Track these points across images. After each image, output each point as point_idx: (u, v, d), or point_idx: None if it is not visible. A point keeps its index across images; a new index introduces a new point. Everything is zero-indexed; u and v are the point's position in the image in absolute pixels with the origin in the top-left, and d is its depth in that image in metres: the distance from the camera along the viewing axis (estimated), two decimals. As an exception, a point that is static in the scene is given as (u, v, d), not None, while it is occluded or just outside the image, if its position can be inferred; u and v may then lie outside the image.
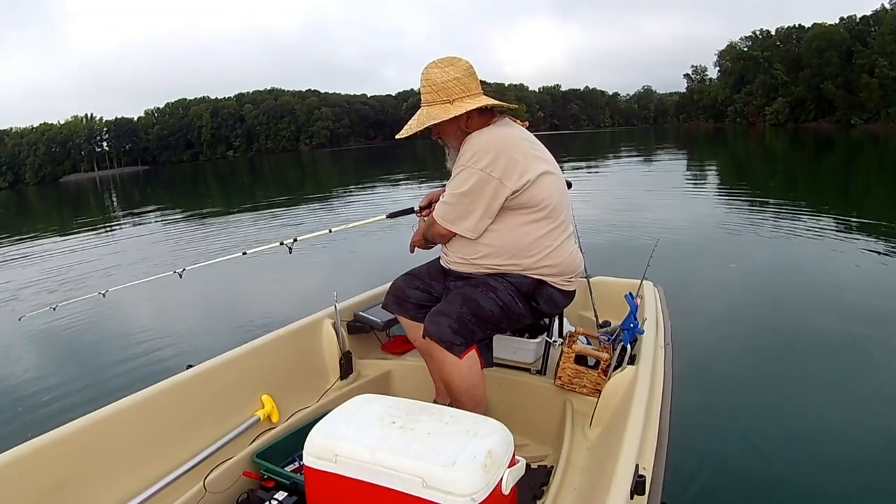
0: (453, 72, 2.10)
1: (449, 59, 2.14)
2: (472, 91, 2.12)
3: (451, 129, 2.17)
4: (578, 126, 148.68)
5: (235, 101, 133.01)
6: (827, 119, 65.00)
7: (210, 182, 41.62)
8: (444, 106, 2.11)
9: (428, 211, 2.48)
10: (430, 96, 2.13)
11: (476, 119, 2.15)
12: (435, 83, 2.10)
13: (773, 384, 3.65)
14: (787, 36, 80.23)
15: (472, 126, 2.14)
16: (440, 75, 2.10)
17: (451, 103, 2.10)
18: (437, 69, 2.11)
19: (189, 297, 6.86)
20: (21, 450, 1.67)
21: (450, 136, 2.21)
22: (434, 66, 2.12)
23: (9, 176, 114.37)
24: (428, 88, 2.12)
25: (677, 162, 25.31)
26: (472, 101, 2.11)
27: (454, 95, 2.10)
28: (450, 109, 2.10)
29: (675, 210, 10.93)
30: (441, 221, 2.18)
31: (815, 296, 5.40)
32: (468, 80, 2.12)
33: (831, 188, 14.35)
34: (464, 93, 2.10)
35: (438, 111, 2.11)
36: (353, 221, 3.14)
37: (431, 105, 2.13)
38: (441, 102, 2.11)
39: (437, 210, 2.22)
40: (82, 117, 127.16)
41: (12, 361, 5.32)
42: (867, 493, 2.64)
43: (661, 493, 1.56)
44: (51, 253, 12.14)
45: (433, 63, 2.13)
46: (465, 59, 2.14)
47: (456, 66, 2.11)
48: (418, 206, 2.55)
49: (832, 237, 7.74)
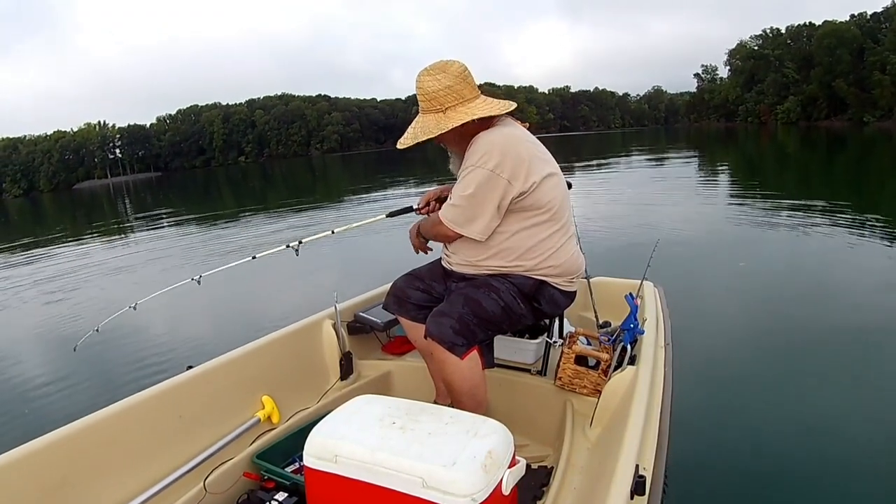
0: (445, 80, 2.05)
1: (440, 65, 2.08)
2: (466, 97, 2.08)
3: (450, 135, 2.11)
4: (588, 127, 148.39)
5: (246, 107, 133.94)
6: (839, 117, 64.54)
7: (222, 187, 41.85)
8: (436, 116, 2.08)
9: (426, 209, 2.48)
10: (424, 105, 2.10)
11: (474, 121, 2.08)
12: (427, 92, 2.07)
13: (774, 384, 3.63)
14: (797, 34, 79.83)
15: (470, 130, 2.09)
16: (431, 84, 2.06)
17: (443, 112, 2.07)
18: (429, 77, 2.06)
19: (189, 299, 6.85)
20: (21, 450, 1.68)
21: (448, 142, 2.18)
22: (426, 74, 2.07)
23: (23, 183, 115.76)
24: (422, 97, 2.09)
25: (687, 162, 25.11)
26: (463, 108, 2.06)
27: (446, 104, 2.06)
28: (441, 120, 2.07)
29: (678, 210, 10.88)
30: (450, 224, 2.13)
31: (817, 296, 5.35)
32: (460, 86, 2.06)
33: (844, 187, 14.18)
34: (456, 100, 2.06)
35: (431, 123, 2.08)
36: (355, 222, 3.14)
37: (426, 113, 2.10)
38: (434, 111, 2.08)
39: (444, 212, 2.17)
40: (95, 124, 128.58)
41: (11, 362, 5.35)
42: (867, 494, 2.62)
43: (661, 493, 1.56)
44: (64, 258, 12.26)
45: (425, 70, 2.09)
46: (459, 63, 2.09)
47: (447, 73, 2.06)
48: (416, 205, 2.54)
49: (841, 236, 7.65)
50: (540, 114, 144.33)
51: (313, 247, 2.94)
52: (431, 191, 2.52)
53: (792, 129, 57.57)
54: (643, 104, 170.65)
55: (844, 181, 15.52)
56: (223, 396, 2.24)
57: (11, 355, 5.87)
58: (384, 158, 61.69)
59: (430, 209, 2.47)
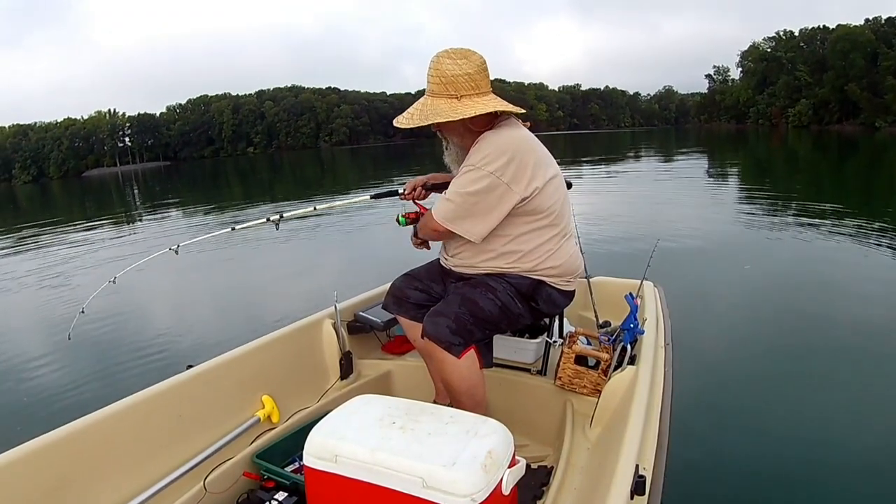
0: (466, 66, 1.97)
1: (463, 51, 2.01)
2: (482, 89, 2.01)
3: (454, 126, 2.04)
4: (598, 126, 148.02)
5: (256, 98, 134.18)
6: (851, 121, 64.16)
7: (230, 177, 41.95)
8: (450, 101, 1.99)
9: (411, 195, 2.42)
10: (437, 87, 2.00)
11: (481, 117, 2.02)
12: (445, 75, 1.97)
13: (774, 385, 3.63)
14: (811, 37, 79.41)
15: (476, 124, 2.04)
16: (452, 68, 1.97)
17: (458, 99, 1.98)
18: (450, 60, 1.98)
19: (189, 298, 6.93)
20: (21, 450, 1.67)
21: (451, 132, 2.12)
22: (447, 56, 1.99)
23: (33, 170, 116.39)
24: (437, 80, 1.99)
25: (695, 163, 25.04)
26: (480, 100, 1.99)
27: (462, 91, 1.98)
28: (457, 107, 1.97)
29: (680, 210, 10.86)
30: (440, 220, 2.07)
31: (819, 299, 5.33)
32: (479, 76, 2.00)
33: (854, 191, 14.09)
34: (473, 90, 1.99)
35: (444, 106, 1.98)
36: (337, 201, 3.09)
37: (437, 97, 2.01)
38: (448, 97, 1.99)
39: (437, 207, 2.11)
40: (105, 112, 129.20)
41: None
42: (867, 494, 2.62)
43: (661, 493, 1.55)
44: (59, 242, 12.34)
45: (446, 53, 2.00)
46: (480, 54, 2.02)
47: (470, 61, 1.99)
48: (402, 190, 2.48)
49: (849, 241, 7.62)
50: (549, 111, 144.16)
51: (314, 247, 2.93)
52: (419, 178, 2.47)
53: (803, 133, 57.34)
54: (654, 104, 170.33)
55: (855, 186, 15.44)
56: (223, 396, 2.22)
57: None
58: (393, 152, 61.70)
59: (415, 195, 2.42)
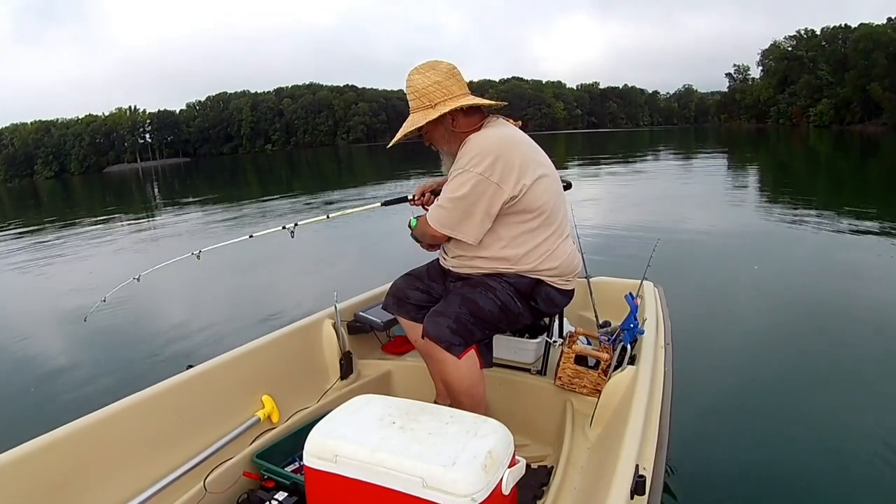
0: (434, 75, 2.09)
1: (430, 63, 2.13)
2: (455, 93, 2.10)
3: (439, 133, 2.16)
4: (616, 124, 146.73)
5: (275, 96, 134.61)
6: (873, 121, 63.03)
7: (249, 174, 42.20)
8: (425, 112, 2.10)
9: (421, 200, 2.48)
10: (414, 103, 2.12)
11: (463, 120, 2.13)
12: (416, 89, 2.10)
13: (774, 385, 3.61)
14: (832, 36, 78.15)
15: (459, 127, 2.13)
16: (421, 80, 2.09)
17: (432, 108, 2.09)
18: (419, 74, 2.10)
19: (189, 298, 6.97)
20: (21, 450, 1.68)
21: (439, 141, 2.19)
22: (415, 72, 2.11)
23: (55, 166, 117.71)
24: (412, 95, 2.12)
25: (713, 162, 24.79)
26: (452, 103, 2.08)
27: (435, 100, 2.09)
28: (430, 114, 2.08)
29: (685, 210, 10.77)
30: (437, 226, 2.14)
31: (822, 301, 5.27)
32: (449, 82, 2.10)
33: (874, 193, 13.87)
34: (445, 96, 2.09)
35: (419, 117, 2.11)
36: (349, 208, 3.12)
37: (416, 111, 2.13)
38: (423, 108, 2.11)
39: (431, 213, 2.18)
40: (126, 109, 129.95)
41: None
42: (867, 493, 2.61)
43: (661, 493, 1.56)
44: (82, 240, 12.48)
45: (415, 69, 2.12)
46: (447, 62, 2.13)
47: (436, 70, 2.10)
48: (412, 196, 2.53)
49: (864, 242, 7.54)
50: (567, 109, 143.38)
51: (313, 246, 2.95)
52: (427, 183, 2.52)
53: (824, 132, 56.53)
54: (673, 102, 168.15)
55: (876, 187, 15.20)
56: (223, 395, 2.24)
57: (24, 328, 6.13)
58: (410, 151, 61.62)
59: (424, 200, 2.47)
